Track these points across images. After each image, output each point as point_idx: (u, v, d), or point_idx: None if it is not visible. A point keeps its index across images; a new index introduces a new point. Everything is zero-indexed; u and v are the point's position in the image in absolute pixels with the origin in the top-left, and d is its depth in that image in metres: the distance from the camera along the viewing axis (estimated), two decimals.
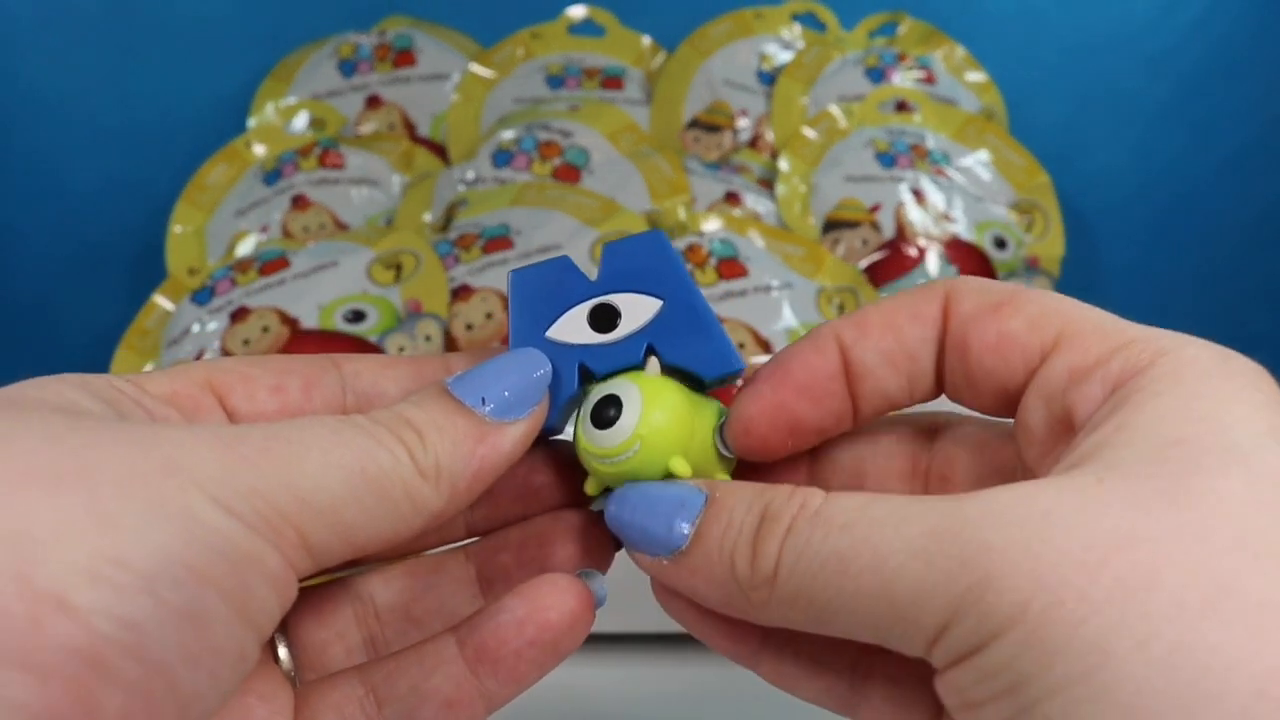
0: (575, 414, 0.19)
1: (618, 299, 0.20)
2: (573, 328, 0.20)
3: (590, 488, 0.20)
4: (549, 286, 0.20)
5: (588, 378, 0.19)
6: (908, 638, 0.15)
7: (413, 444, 0.17)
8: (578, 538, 0.21)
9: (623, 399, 0.18)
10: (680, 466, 0.19)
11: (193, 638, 0.14)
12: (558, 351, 0.19)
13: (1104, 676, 0.13)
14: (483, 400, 0.18)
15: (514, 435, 0.18)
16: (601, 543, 0.21)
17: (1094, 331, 0.17)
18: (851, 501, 0.16)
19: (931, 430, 0.20)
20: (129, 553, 0.13)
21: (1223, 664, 0.13)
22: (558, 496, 0.21)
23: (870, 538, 0.15)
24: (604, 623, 0.43)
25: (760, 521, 0.17)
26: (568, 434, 0.20)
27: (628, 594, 0.43)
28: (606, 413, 0.18)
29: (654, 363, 0.19)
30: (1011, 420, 0.19)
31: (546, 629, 0.19)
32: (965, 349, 0.18)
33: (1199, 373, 0.16)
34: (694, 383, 0.20)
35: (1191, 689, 0.12)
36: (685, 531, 0.17)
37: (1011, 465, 0.19)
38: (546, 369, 0.19)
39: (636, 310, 0.19)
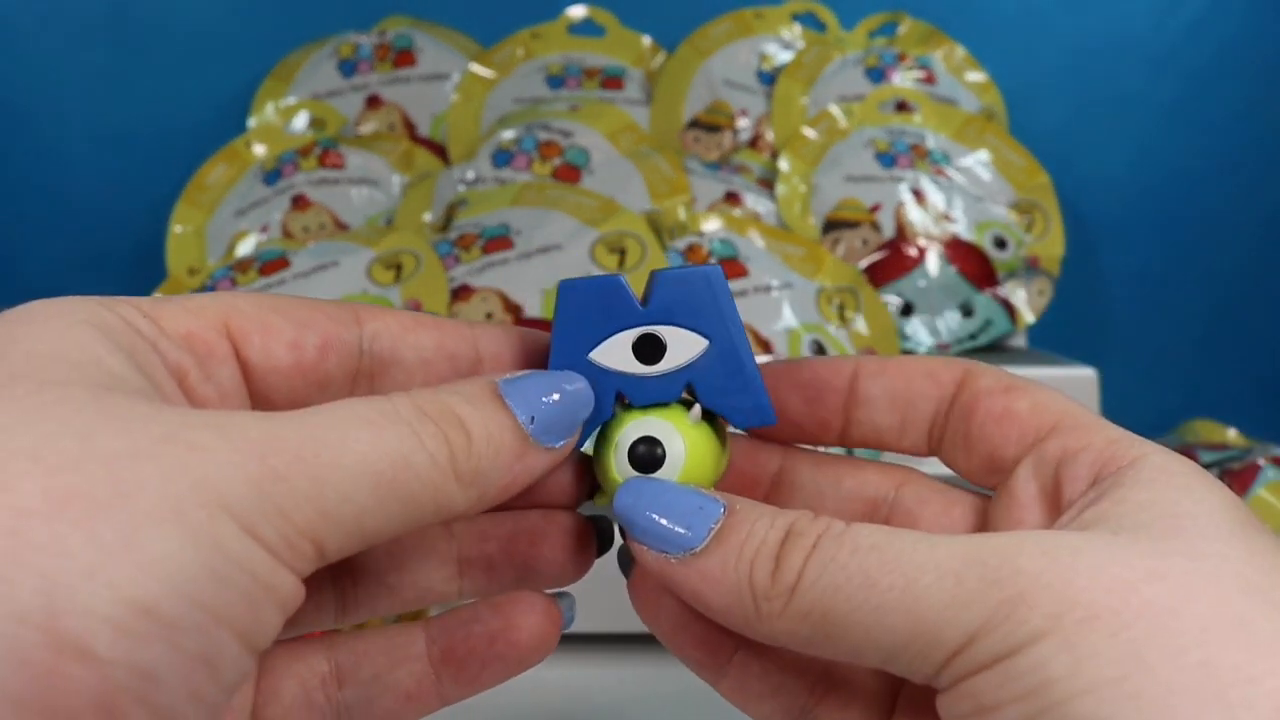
0: (599, 434, 0.20)
1: (665, 331, 0.19)
2: (616, 353, 0.19)
3: (600, 502, 0.20)
4: (597, 305, 0.19)
5: (622, 403, 0.20)
6: (922, 655, 0.16)
7: (458, 445, 0.17)
8: (567, 542, 0.21)
9: (666, 449, 0.19)
10: None
11: (202, 680, 0.14)
12: (598, 375, 0.19)
13: (1139, 680, 0.14)
14: (531, 419, 0.18)
15: (547, 461, 0.18)
16: (587, 549, 0.21)
17: (1088, 425, 0.19)
18: (877, 529, 0.17)
19: (894, 481, 0.21)
20: (156, 599, 0.13)
21: (1247, 679, 0.14)
22: (549, 493, 0.21)
23: (900, 558, 0.16)
24: (605, 622, 0.43)
25: (785, 536, 0.17)
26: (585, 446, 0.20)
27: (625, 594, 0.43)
28: (650, 456, 0.19)
29: (697, 410, 0.19)
30: (975, 489, 0.21)
31: (514, 646, 0.19)
32: (972, 415, 0.20)
33: (1181, 471, 0.17)
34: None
35: (1222, 696, 0.14)
36: (703, 534, 0.18)
37: (974, 529, 0.21)
38: (591, 404, 0.19)
39: (682, 346, 0.19)
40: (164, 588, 0.13)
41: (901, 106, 0.64)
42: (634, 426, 0.19)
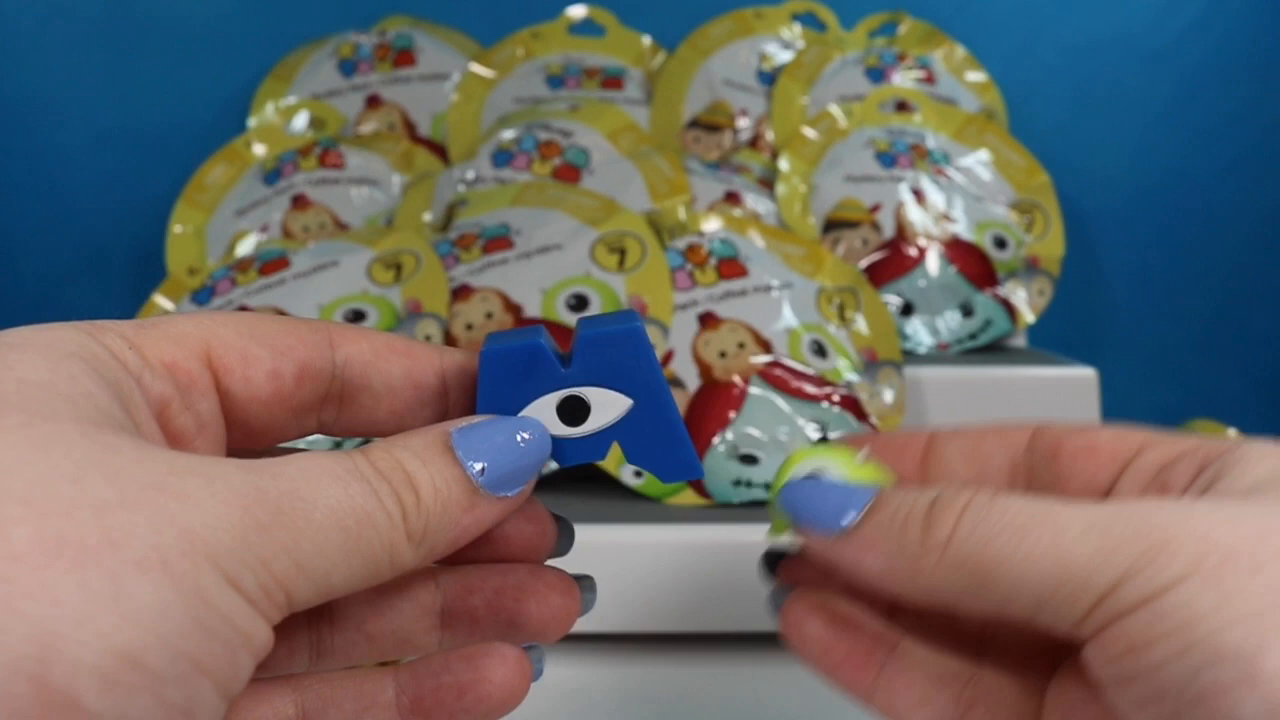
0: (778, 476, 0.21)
1: (589, 393, 0.20)
2: (541, 416, 0.20)
3: (773, 532, 0.22)
4: (520, 370, 0.19)
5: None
6: (1072, 599, 0.17)
7: (409, 505, 0.17)
8: (553, 598, 0.21)
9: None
10: None
11: None
12: None
13: None
14: (481, 469, 0.18)
15: (498, 510, 0.19)
16: (570, 606, 0.21)
17: (1176, 439, 0.20)
18: (1024, 496, 0.18)
19: (1025, 434, 0.23)
20: (144, 649, 0.13)
21: None
22: (533, 547, 0.21)
23: (1049, 515, 0.17)
24: (606, 622, 0.43)
25: (932, 504, 0.19)
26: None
27: (629, 594, 0.43)
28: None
29: (865, 452, 0.22)
30: None
31: (483, 700, 0.19)
32: (1057, 454, 0.22)
33: (1276, 447, 0.19)
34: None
35: None
36: (859, 513, 0.19)
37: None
38: (547, 451, 0.19)
39: (606, 406, 0.20)
40: (151, 638, 0.13)
41: (901, 106, 0.64)
42: (804, 465, 0.21)
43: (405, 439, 0.18)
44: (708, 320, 0.50)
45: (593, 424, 0.20)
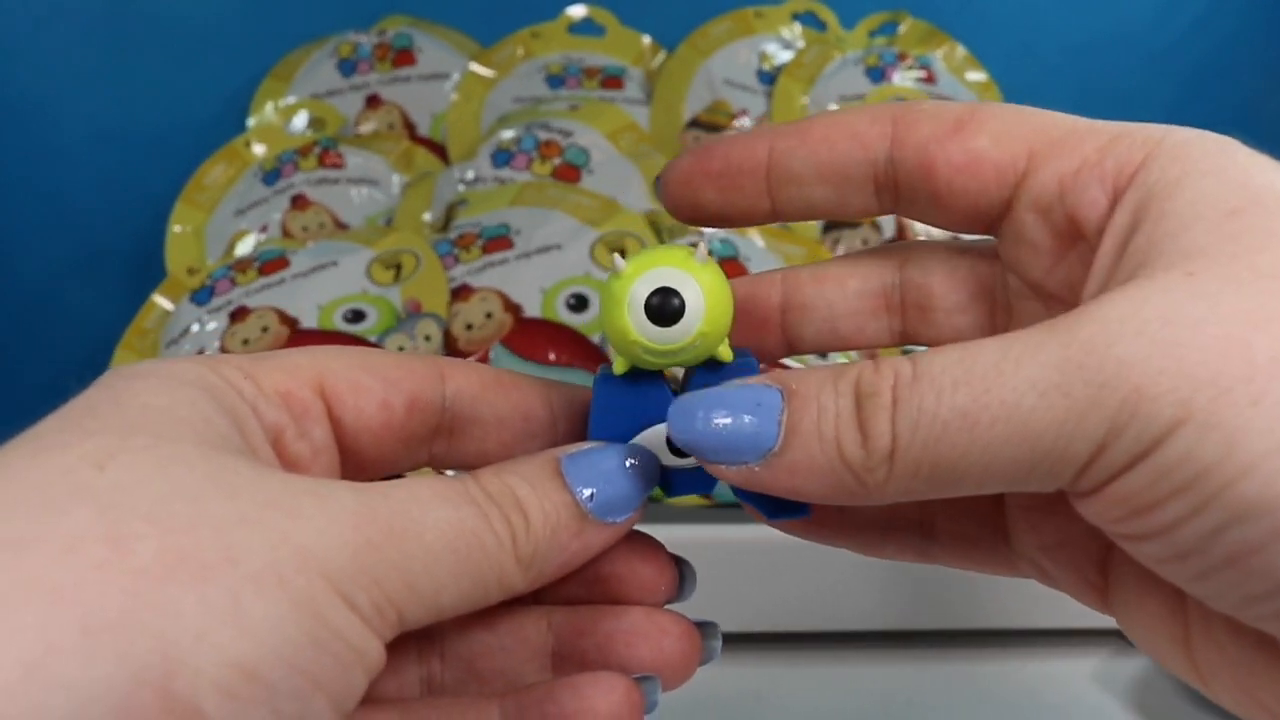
0: (604, 294, 0.19)
1: None
2: (651, 446, 0.19)
3: (618, 367, 0.19)
4: (633, 398, 0.19)
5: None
6: (1053, 473, 0.15)
7: (518, 529, 0.17)
8: (668, 644, 0.20)
9: (685, 297, 0.18)
10: (725, 353, 0.19)
11: None
12: None
13: None
14: (590, 495, 0.18)
15: (606, 536, 0.19)
16: (689, 653, 0.20)
17: (1070, 136, 0.17)
18: (948, 358, 0.15)
19: (893, 263, 0.20)
20: (260, 662, 0.14)
21: None
22: (637, 587, 0.21)
23: (991, 388, 0.15)
24: None
25: (857, 401, 0.16)
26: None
27: None
28: (668, 307, 0.18)
29: (703, 249, 0.18)
30: (974, 236, 0.19)
31: None
32: (930, 171, 0.18)
33: (1203, 150, 0.16)
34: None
35: None
36: (774, 431, 0.16)
37: (991, 283, 0.20)
38: (655, 479, 0.19)
39: None
40: (266, 652, 0.14)
41: None
42: (644, 280, 0.18)
43: (515, 464, 0.18)
44: None
45: None
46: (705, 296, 0.18)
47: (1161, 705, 0.38)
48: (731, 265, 0.52)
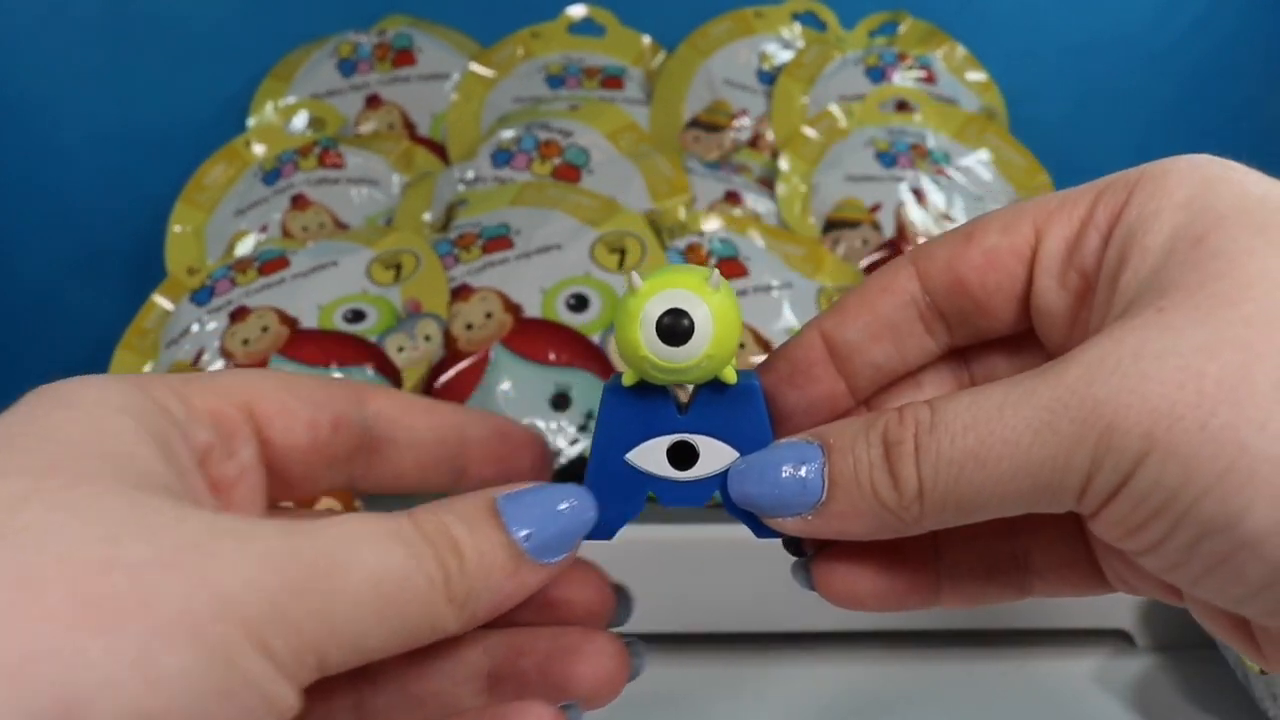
0: (620, 309, 0.19)
1: (699, 440, 0.20)
2: (652, 456, 0.20)
3: (628, 379, 0.20)
4: (639, 410, 0.20)
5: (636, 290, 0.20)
6: (1056, 498, 0.16)
7: (452, 569, 0.17)
8: (604, 662, 0.21)
9: (695, 320, 0.19)
10: (730, 375, 0.20)
11: None
12: (634, 475, 0.21)
13: (1244, 463, 0.14)
14: (526, 535, 0.18)
15: (542, 576, 0.19)
16: (620, 670, 0.21)
17: (1065, 203, 0.19)
18: (960, 404, 0.17)
19: (960, 359, 0.22)
20: (164, 715, 0.14)
21: None
22: (580, 611, 0.21)
23: (994, 429, 0.16)
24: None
25: (885, 450, 0.18)
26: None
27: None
28: (678, 327, 0.19)
29: (717, 275, 0.19)
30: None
31: None
32: (962, 284, 0.20)
33: (1177, 179, 0.17)
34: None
35: None
36: (819, 482, 0.18)
37: (1040, 361, 0.21)
38: (593, 516, 0.20)
39: (713, 455, 0.20)
40: (172, 704, 0.14)
41: (902, 106, 0.64)
42: (658, 299, 0.19)
43: (451, 503, 0.18)
44: None
45: (698, 470, 0.20)
46: (714, 321, 0.19)
47: (1162, 705, 0.38)
48: (732, 265, 0.52)
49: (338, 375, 0.48)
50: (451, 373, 0.49)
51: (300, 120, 0.66)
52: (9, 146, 0.71)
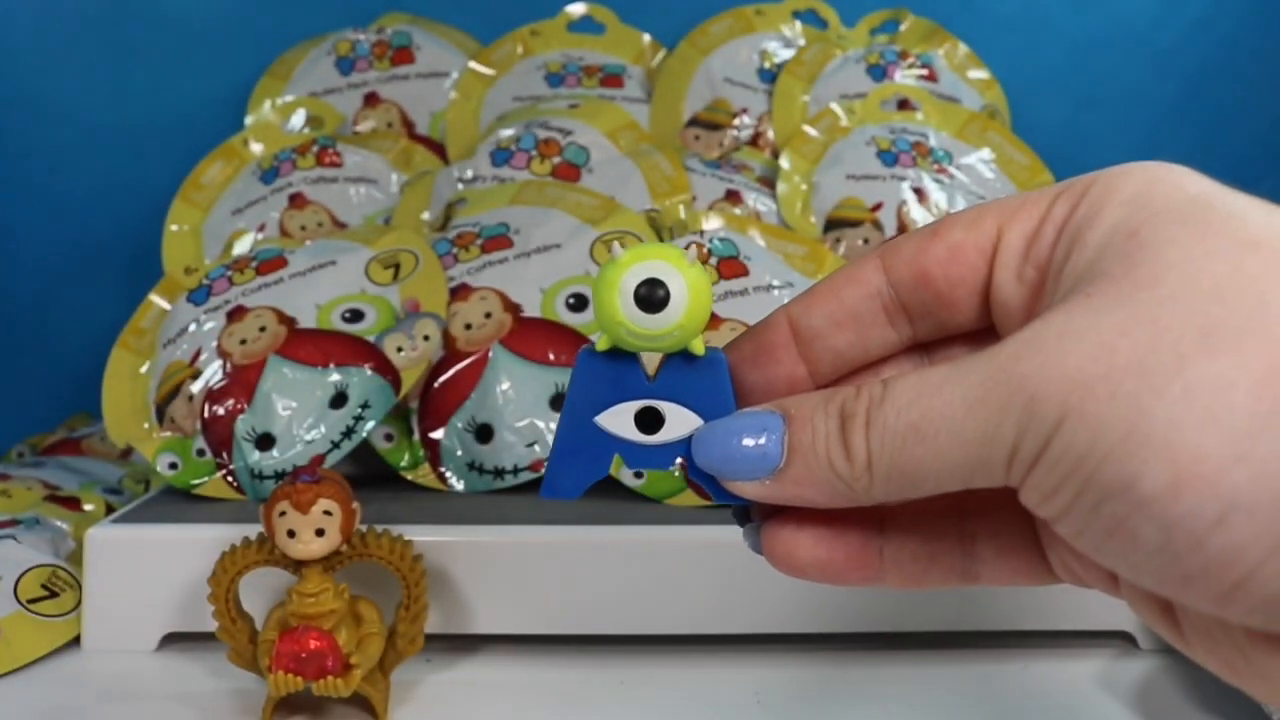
0: (600, 279, 0.20)
1: (665, 406, 0.21)
2: (620, 420, 0.21)
3: (601, 344, 0.21)
4: (611, 374, 0.21)
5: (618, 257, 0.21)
6: (989, 470, 0.17)
7: None
8: None
9: (671, 289, 0.20)
10: (699, 346, 0.21)
11: None
12: (602, 438, 0.21)
13: (1144, 426, 0.15)
14: None
15: None
16: None
17: (1027, 202, 0.20)
18: (907, 381, 0.18)
19: (923, 353, 0.23)
20: None
21: (1227, 386, 0.15)
22: None
23: (934, 404, 0.18)
24: (605, 623, 0.43)
25: (841, 422, 0.19)
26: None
27: (629, 593, 0.42)
28: (654, 297, 0.20)
29: (694, 250, 0.20)
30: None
31: None
32: (925, 276, 0.21)
33: (1126, 180, 0.19)
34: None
35: (1210, 409, 0.15)
36: (778, 449, 0.20)
37: None
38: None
39: (679, 421, 0.21)
40: None
41: (903, 104, 0.64)
42: (637, 269, 0.20)
43: None
44: (709, 321, 0.50)
45: (664, 436, 0.21)
46: (689, 293, 0.20)
47: (1164, 707, 0.38)
48: (732, 264, 0.52)
49: (335, 376, 0.48)
50: (451, 373, 0.49)
51: (298, 119, 0.65)
52: (6, 145, 0.71)
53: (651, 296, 0.20)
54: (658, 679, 0.40)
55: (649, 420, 0.21)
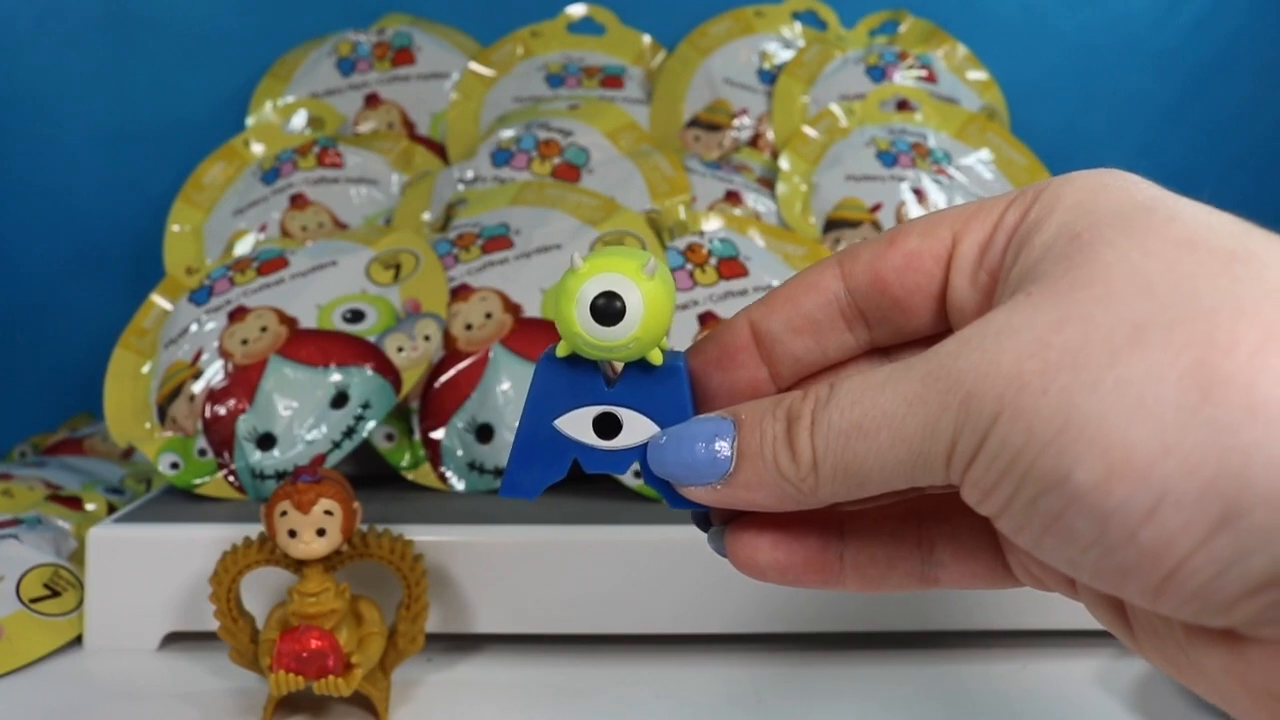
0: (559, 289, 0.21)
1: (623, 413, 0.22)
2: (578, 424, 0.22)
3: (561, 350, 0.21)
4: (571, 380, 0.21)
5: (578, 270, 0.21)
6: (930, 466, 0.17)
7: None
8: None
9: (627, 302, 0.20)
10: (656, 356, 0.21)
11: None
12: (560, 441, 0.22)
13: (1077, 420, 0.16)
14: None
15: None
16: None
17: (981, 209, 0.20)
18: (852, 382, 0.19)
19: (883, 357, 0.23)
20: None
21: (1156, 379, 0.15)
22: None
23: (877, 402, 0.18)
24: (606, 623, 0.43)
25: (787, 425, 0.19)
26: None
27: (628, 594, 0.42)
28: (611, 309, 0.20)
29: (653, 263, 0.20)
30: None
31: None
32: (882, 283, 0.21)
33: (1074, 187, 0.19)
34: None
35: (1142, 405, 0.15)
36: (728, 454, 0.20)
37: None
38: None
39: (636, 428, 0.21)
40: None
41: (903, 105, 0.64)
42: (595, 281, 0.20)
43: None
44: (708, 321, 0.50)
45: (621, 441, 0.21)
46: (645, 306, 0.20)
47: (1163, 708, 0.38)
48: (732, 264, 0.52)
49: (336, 376, 0.48)
50: (451, 373, 0.49)
51: (299, 119, 0.66)
52: (8, 146, 0.71)
53: (608, 309, 0.20)
54: (658, 678, 0.40)
55: (607, 425, 0.22)
